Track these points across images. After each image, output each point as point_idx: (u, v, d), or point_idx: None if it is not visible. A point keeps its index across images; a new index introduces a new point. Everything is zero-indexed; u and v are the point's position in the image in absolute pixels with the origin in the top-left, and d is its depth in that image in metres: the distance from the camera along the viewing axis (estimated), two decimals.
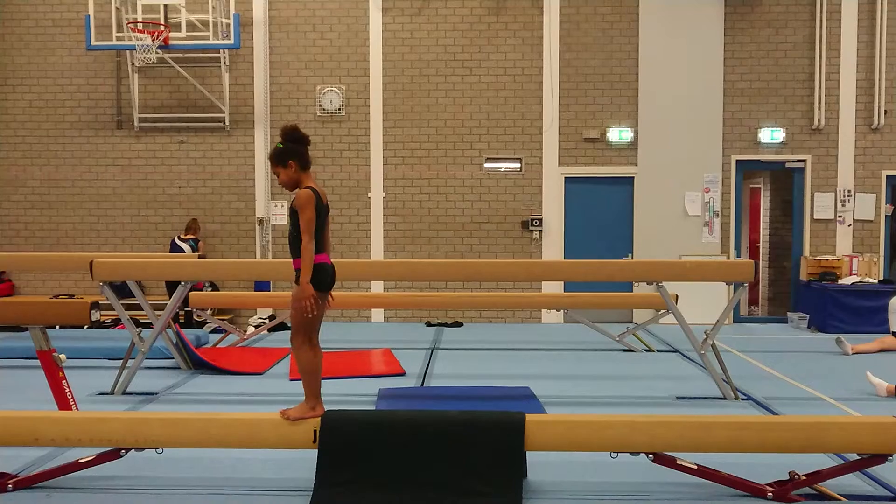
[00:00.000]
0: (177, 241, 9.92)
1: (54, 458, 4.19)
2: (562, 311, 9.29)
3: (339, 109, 10.44)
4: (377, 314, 10.57)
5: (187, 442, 3.77)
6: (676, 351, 8.06)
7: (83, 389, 5.82)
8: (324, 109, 10.44)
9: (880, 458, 3.59)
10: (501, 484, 3.60)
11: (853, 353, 7.67)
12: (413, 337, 9.10)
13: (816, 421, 3.85)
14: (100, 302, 9.65)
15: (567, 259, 10.06)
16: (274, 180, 10.50)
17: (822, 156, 10.36)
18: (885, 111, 10.23)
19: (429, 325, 10.22)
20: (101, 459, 3.79)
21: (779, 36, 10.29)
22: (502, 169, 10.50)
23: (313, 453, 3.70)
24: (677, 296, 7.01)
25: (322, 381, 6.65)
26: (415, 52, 10.41)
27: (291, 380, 6.55)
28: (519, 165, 10.45)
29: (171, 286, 8.64)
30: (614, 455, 3.68)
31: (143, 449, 3.71)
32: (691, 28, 10.12)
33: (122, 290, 7.47)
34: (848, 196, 10.31)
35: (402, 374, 6.78)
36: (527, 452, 3.75)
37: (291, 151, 3.85)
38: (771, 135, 10.30)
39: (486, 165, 10.48)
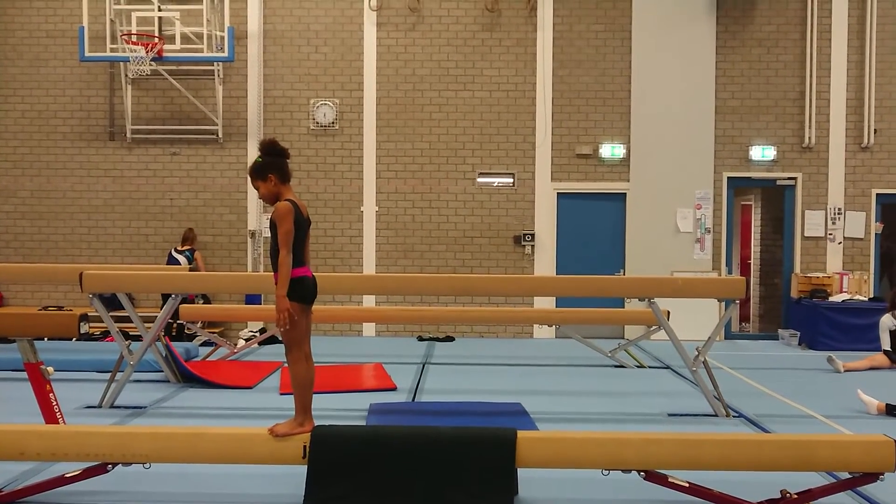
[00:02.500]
0: (173, 252, 9.89)
1: (40, 472, 4.13)
2: (553, 326, 9.29)
3: (333, 123, 10.46)
4: (369, 328, 10.53)
5: (175, 457, 3.73)
6: (668, 367, 8.06)
7: (71, 402, 5.75)
8: (317, 123, 10.46)
9: (871, 476, 3.58)
10: (492, 501, 3.57)
11: (844, 371, 7.68)
12: (404, 351, 9.07)
13: (808, 439, 3.84)
14: (89, 314, 9.66)
15: (559, 274, 10.07)
16: None
17: (812, 174, 10.43)
18: (875, 130, 10.33)
19: (420, 339, 10.19)
20: (87, 474, 3.74)
21: (770, 55, 10.39)
22: (495, 184, 10.52)
23: (303, 469, 3.67)
24: (669, 312, 7.01)
25: (312, 395, 6.60)
26: (409, 66, 10.45)
27: (282, 394, 6.50)
28: (512, 180, 10.48)
29: (167, 298, 8.60)
30: (606, 472, 3.66)
31: (130, 464, 3.67)
32: (683, 46, 10.20)
33: (112, 301, 7.42)
34: (838, 214, 10.37)
35: (394, 388, 6.75)
36: (518, 469, 3.73)
37: (271, 165, 3.85)
38: (762, 152, 10.37)
39: (479, 180, 10.50)
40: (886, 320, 7.96)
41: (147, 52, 9.44)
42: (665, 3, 10.20)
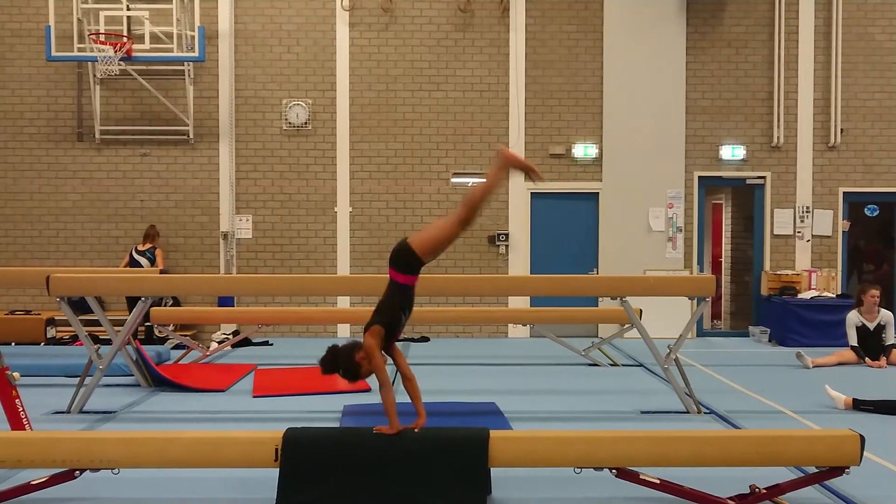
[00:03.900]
0: (134, 254, 9.66)
1: (5, 480, 4.05)
2: (528, 325, 9.31)
3: (306, 123, 10.39)
4: (343, 329, 10.48)
5: (145, 462, 3.68)
6: (641, 365, 8.13)
7: (38, 408, 5.66)
8: (290, 123, 10.39)
9: (838, 470, 3.64)
10: (465, 501, 3.58)
11: (813, 367, 7.81)
12: None
13: (776, 435, 3.90)
14: (56, 318, 9.52)
15: (533, 274, 10.11)
16: (240, 194, 10.42)
17: (781, 173, 10.58)
18: (842, 130, 10.50)
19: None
20: (54, 481, 3.68)
21: (739, 56, 10.53)
22: (469, 184, 10.52)
23: (275, 472, 3.64)
24: (641, 310, 7.08)
25: (286, 397, 6.57)
26: (382, 66, 10.42)
27: (255, 396, 6.45)
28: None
29: (132, 300, 8.48)
30: (578, 470, 3.68)
31: (98, 470, 3.62)
32: (654, 47, 10.29)
33: (81, 305, 7.31)
34: (806, 212, 10.54)
35: (368, 390, 6.70)
36: (491, 468, 3.74)
37: (349, 365, 3.83)
38: (732, 152, 10.50)
39: (453, 180, 10.50)
40: (853, 316, 8.10)
41: (116, 51, 9.30)
42: (636, 4, 10.29)
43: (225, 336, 9.59)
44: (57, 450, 3.60)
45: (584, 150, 10.42)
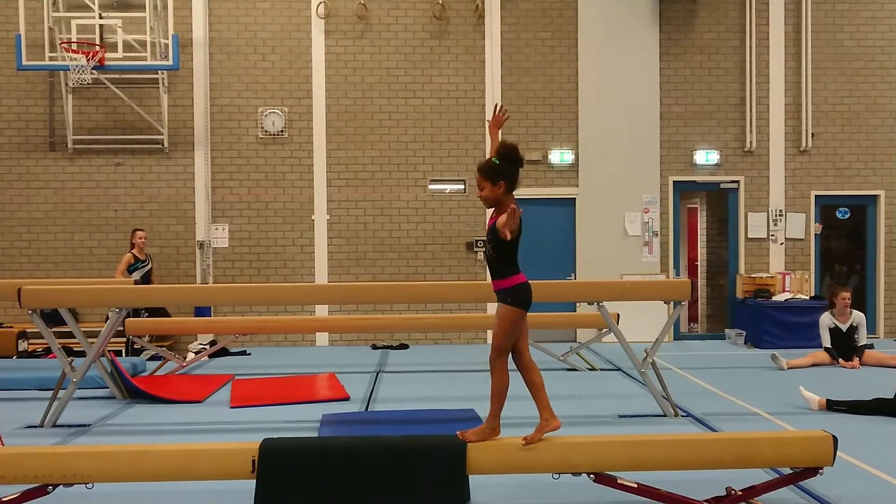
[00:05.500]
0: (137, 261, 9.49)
1: None
2: None
3: (282, 131, 10.35)
4: (322, 338, 10.44)
5: (119, 476, 3.62)
6: (619, 369, 8.17)
7: (10, 423, 5.58)
8: (266, 131, 10.34)
9: (811, 471, 3.69)
10: None
11: (787, 368, 7.90)
12: (358, 360, 9.01)
13: (751, 437, 3.93)
14: (28, 331, 9.37)
15: None
16: (216, 203, 10.33)
17: (754, 177, 10.72)
18: (813, 134, 10.67)
19: (374, 347, 10.14)
20: (26, 497, 3.61)
21: (711, 62, 10.66)
22: (447, 191, 10.55)
23: (253, 484, 3.61)
24: (618, 314, 7.12)
25: (264, 407, 6.52)
26: (358, 74, 10.42)
27: (232, 407, 6.40)
28: (463, 187, 10.52)
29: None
30: (556, 476, 3.69)
31: (71, 484, 3.56)
32: (628, 53, 10.40)
33: (54, 317, 7.20)
34: (779, 216, 10.68)
35: (347, 398, 6.70)
36: (470, 475, 3.74)
37: (506, 172, 3.86)
38: (706, 156, 10.62)
39: (431, 187, 10.52)
40: (826, 318, 8.22)
41: (88, 60, 9.20)
42: (609, 11, 10.40)
43: (202, 346, 9.50)
44: (29, 465, 3.53)
45: (560, 156, 10.49)
